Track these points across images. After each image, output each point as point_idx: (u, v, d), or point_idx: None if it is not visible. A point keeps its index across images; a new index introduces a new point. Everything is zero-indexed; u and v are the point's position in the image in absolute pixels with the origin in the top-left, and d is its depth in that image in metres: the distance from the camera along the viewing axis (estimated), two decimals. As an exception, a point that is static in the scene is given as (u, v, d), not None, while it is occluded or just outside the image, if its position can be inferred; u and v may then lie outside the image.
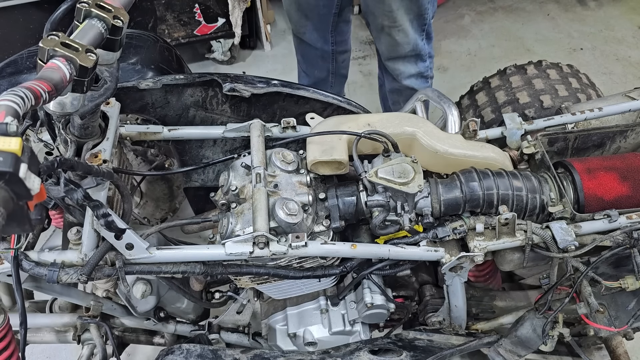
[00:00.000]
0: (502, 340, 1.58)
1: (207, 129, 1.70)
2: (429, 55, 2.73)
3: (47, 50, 1.00)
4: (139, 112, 1.78)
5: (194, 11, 3.60)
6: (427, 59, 2.73)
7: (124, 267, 1.32)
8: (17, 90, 0.86)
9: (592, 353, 1.77)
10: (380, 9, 2.46)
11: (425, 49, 2.67)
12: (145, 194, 2.21)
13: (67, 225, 1.39)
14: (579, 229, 1.43)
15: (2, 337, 1.53)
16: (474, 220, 1.45)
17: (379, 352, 1.56)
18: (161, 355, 1.48)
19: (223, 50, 3.90)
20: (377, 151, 1.54)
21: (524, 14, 4.37)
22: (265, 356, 1.51)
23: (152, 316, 1.75)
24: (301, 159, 1.54)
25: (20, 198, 0.76)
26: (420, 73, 2.74)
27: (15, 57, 2.03)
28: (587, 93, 2.21)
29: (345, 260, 1.47)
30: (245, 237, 1.31)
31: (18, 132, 0.79)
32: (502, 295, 1.83)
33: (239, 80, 1.75)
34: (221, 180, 1.52)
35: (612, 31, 4.18)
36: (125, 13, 1.20)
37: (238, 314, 1.81)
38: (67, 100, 1.18)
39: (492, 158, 1.57)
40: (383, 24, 2.52)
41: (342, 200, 1.46)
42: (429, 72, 2.78)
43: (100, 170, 1.26)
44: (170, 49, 2.22)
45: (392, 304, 1.59)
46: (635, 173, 1.52)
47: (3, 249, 1.28)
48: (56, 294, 1.59)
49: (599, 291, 1.49)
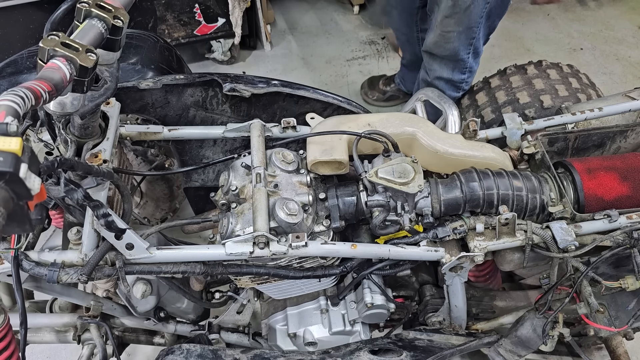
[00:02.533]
0: (502, 340, 1.58)
1: (207, 129, 1.70)
2: (469, 70, 2.74)
3: (47, 50, 1.00)
4: (139, 112, 1.78)
5: (194, 11, 3.60)
6: (467, 73, 2.74)
7: (124, 267, 1.32)
8: (17, 90, 0.86)
9: (592, 353, 1.77)
10: (440, 7, 2.51)
11: (467, 62, 2.69)
12: (146, 194, 2.21)
13: (67, 225, 1.39)
14: (579, 229, 1.43)
15: (2, 337, 1.53)
16: (474, 220, 1.45)
17: (379, 352, 1.56)
18: (161, 355, 1.48)
19: (223, 50, 3.90)
20: (377, 151, 1.54)
21: (524, 14, 4.36)
22: (266, 356, 1.51)
23: (152, 316, 1.74)
24: (301, 159, 1.54)
25: (21, 198, 0.76)
26: (452, 81, 2.75)
27: (15, 57, 2.03)
28: (587, 93, 2.21)
29: (345, 260, 1.47)
30: (245, 237, 1.31)
31: (18, 132, 0.79)
32: (502, 295, 1.83)
33: (239, 80, 1.75)
34: (221, 180, 1.52)
35: (612, 31, 4.18)
36: (125, 13, 1.20)
37: (238, 314, 1.81)
38: (67, 100, 1.18)
39: (492, 158, 1.57)
40: (437, 18, 2.56)
41: (342, 200, 1.46)
42: (463, 85, 2.79)
43: (100, 170, 1.26)
44: (170, 49, 2.22)
45: (392, 304, 1.60)
46: (635, 173, 1.52)
47: (3, 249, 1.28)
48: (56, 294, 1.59)
49: (599, 291, 1.49)
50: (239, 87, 1.73)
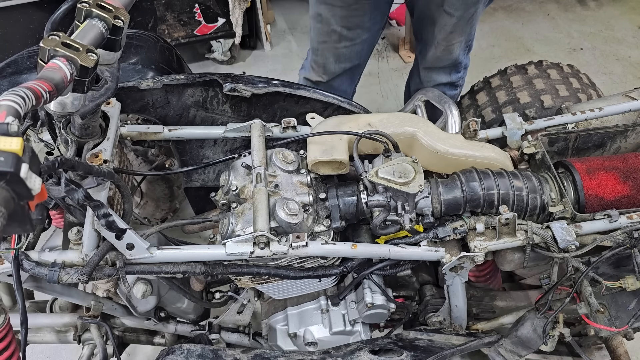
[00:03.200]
0: (502, 340, 1.58)
1: (208, 129, 1.70)
2: (464, 67, 2.70)
3: (47, 50, 1.00)
4: (139, 112, 1.78)
5: (194, 11, 3.60)
6: (462, 70, 2.71)
7: (124, 267, 1.31)
8: (18, 90, 0.86)
9: (593, 353, 1.77)
10: (440, 24, 2.41)
11: (463, 62, 2.65)
12: (146, 194, 2.21)
13: (68, 225, 1.39)
14: (579, 229, 1.43)
15: (3, 337, 1.53)
16: (475, 220, 1.45)
17: (380, 352, 1.56)
18: (162, 355, 1.48)
19: (223, 50, 3.90)
20: (378, 151, 1.54)
21: (524, 14, 4.37)
22: (266, 356, 1.51)
23: (152, 316, 1.74)
24: (302, 159, 1.54)
25: (21, 198, 0.76)
26: (451, 82, 2.72)
27: (16, 57, 2.03)
28: (587, 93, 2.21)
29: (345, 260, 1.47)
30: (245, 237, 1.31)
31: (19, 132, 0.79)
32: (503, 295, 1.83)
33: (239, 80, 1.75)
34: (222, 180, 1.52)
35: (612, 31, 4.18)
36: (125, 13, 1.20)
37: (238, 314, 1.81)
38: (67, 100, 1.18)
39: (493, 158, 1.57)
40: (437, 36, 2.46)
41: (343, 200, 1.46)
42: (460, 82, 2.76)
43: (100, 170, 1.26)
44: (170, 49, 2.22)
45: (392, 304, 1.59)
46: (635, 173, 1.52)
47: (4, 249, 1.28)
48: (57, 294, 1.59)
49: (599, 291, 1.49)
50: (239, 87, 1.72)
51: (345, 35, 2.39)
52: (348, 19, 2.34)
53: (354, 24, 2.37)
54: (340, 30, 2.37)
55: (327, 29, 2.39)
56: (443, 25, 2.38)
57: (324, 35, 2.43)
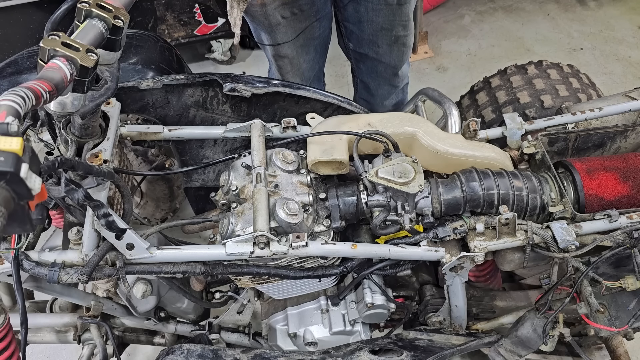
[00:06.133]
0: (502, 340, 1.58)
1: (208, 129, 1.70)
2: None
3: (47, 50, 1.00)
4: (139, 112, 1.78)
5: (194, 11, 3.60)
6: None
7: (124, 267, 1.31)
8: (18, 90, 0.86)
9: (593, 353, 1.77)
10: (397, 21, 2.43)
11: None
12: (146, 194, 2.21)
13: (68, 225, 1.39)
14: (579, 229, 1.43)
15: (3, 337, 1.53)
16: (475, 220, 1.45)
17: (380, 352, 1.56)
18: (162, 355, 1.48)
19: (223, 50, 3.90)
20: (378, 151, 1.54)
21: (524, 14, 4.36)
22: (266, 356, 1.51)
23: (152, 316, 1.75)
24: (302, 159, 1.54)
25: (21, 198, 0.76)
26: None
27: (16, 57, 2.03)
28: (587, 93, 2.21)
29: (345, 260, 1.47)
30: (245, 237, 1.31)
31: (19, 132, 0.79)
32: (503, 295, 1.83)
33: (239, 80, 1.75)
34: (221, 180, 1.52)
35: (612, 31, 4.18)
36: (125, 13, 1.20)
37: (238, 314, 1.81)
38: (67, 100, 1.18)
39: (493, 158, 1.57)
40: (399, 34, 2.47)
41: (343, 200, 1.46)
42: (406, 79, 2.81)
43: (100, 170, 1.26)
44: (170, 49, 2.22)
45: (392, 303, 1.60)
46: (635, 173, 1.52)
47: (4, 248, 1.28)
48: (57, 294, 1.59)
49: (599, 291, 1.49)
50: (239, 87, 1.72)
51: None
52: None
53: None
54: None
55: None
56: (401, 15, 2.43)
57: None
